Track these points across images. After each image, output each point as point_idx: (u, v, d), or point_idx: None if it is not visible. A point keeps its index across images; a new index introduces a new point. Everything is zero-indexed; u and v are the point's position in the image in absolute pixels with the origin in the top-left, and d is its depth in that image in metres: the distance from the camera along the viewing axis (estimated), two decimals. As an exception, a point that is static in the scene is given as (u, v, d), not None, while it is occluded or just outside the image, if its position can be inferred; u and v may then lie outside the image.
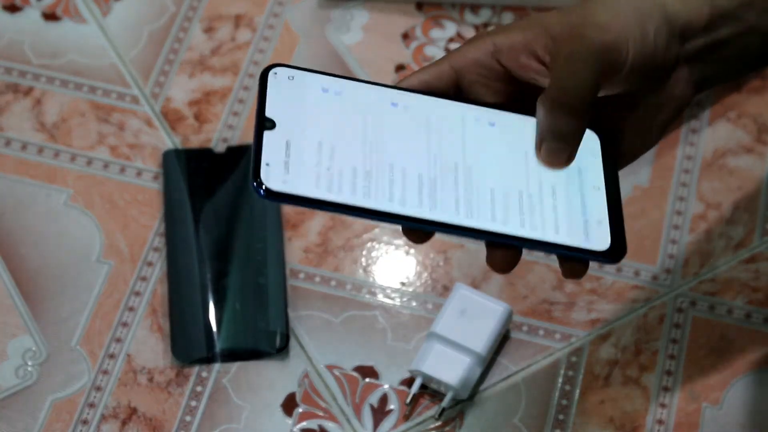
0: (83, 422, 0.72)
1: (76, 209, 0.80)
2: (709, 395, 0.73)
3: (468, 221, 0.48)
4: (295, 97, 0.48)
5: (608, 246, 0.49)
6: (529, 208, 0.49)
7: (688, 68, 0.55)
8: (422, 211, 0.47)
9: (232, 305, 0.75)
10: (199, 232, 0.78)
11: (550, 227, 0.49)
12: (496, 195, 0.49)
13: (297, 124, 0.47)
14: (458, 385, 0.71)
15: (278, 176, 0.45)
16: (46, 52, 0.87)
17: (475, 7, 0.89)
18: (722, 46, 0.55)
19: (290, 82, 0.48)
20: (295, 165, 0.46)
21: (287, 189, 0.45)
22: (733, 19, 0.55)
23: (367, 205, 0.47)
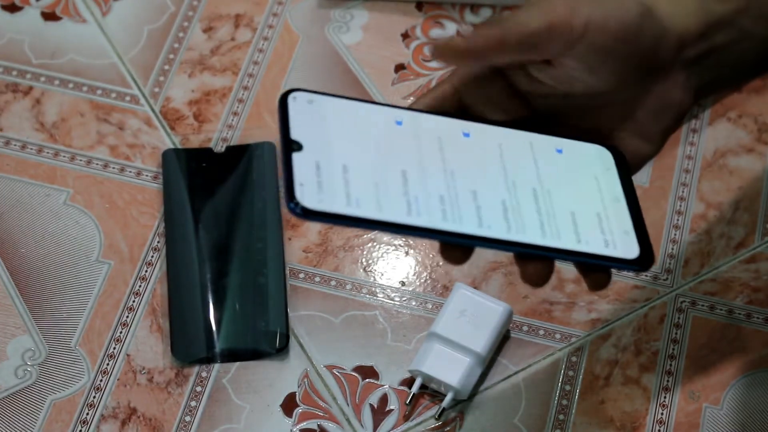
0: (83, 422, 0.72)
1: (76, 209, 0.80)
2: (709, 395, 0.73)
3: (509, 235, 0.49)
4: (317, 120, 0.49)
5: (638, 254, 0.50)
6: (573, 223, 0.51)
7: (685, 75, 0.55)
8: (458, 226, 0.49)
9: (232, 305, 0.75)
10: (199, 232, 0.78)
11: (588, 238, 0.50)
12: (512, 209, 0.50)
13: (323, 146, 0.48)
14: (458, 385, 0.71)
15: (313, 195, 0.46)
16: (45, 51, 0.87)
17: (475, 7, 0.89)
18: (718, 53, 0.55)
19: (310, 105, 0.49)
20: (328, 184, 0.47)
21: (324, 207, 0.46)
22: (729, 25, 0.54)
23: (407, 221, 0.48)
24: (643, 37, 0.52)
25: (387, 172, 0.49)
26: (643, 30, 0.52)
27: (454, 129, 0.52)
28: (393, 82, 0.85)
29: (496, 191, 0.50)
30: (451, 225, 0.49)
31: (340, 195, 0.47)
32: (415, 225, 0.48)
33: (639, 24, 0.52)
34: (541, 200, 0.51)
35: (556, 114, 0.55)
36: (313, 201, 0.46)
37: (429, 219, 0.48)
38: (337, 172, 0.48)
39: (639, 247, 0.50)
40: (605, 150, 0.53)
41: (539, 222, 0.50)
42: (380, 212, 0.48)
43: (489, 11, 0.89)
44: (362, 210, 0.47)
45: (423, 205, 0.49)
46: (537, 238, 0.50)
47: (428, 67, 0.86)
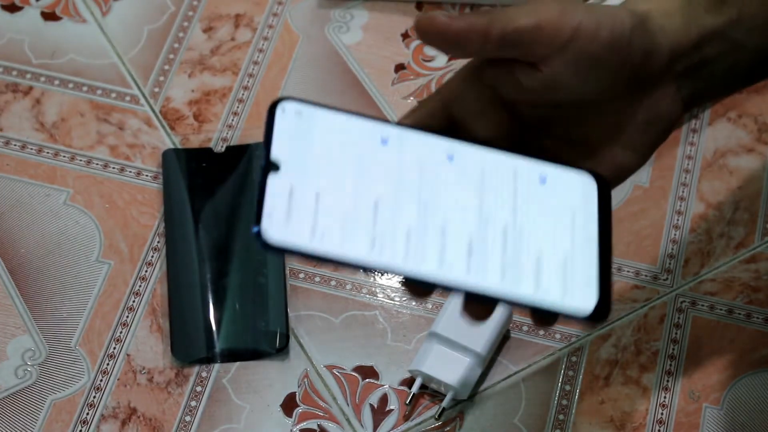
0: (83, 422, 0.72)
1: (76, 209, 0.80)
2: (709, 395, 0.73)
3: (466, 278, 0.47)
4: (301, 136, 0.46)
5: (593, 307, 0.47)
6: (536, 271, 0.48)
7: (675, 86, 0.55)
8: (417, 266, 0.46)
9: (232, 305, 0.75)
10: (199, 232, 0.78)
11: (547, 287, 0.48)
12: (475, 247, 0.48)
13: (301, 167, 0.46)
14: (458, 385, 0.71)
15: (279, 227, 0.44)
16: (45, 51, 0.86)
17: (475, 7, 0.89)
18: (710, 64, 0.55)
19: (297, 118, 0.47)
20: (296, 215, 0.45)
21: (286, 242, 0.44)
22: (720, 37, 0.54)
23: (367, 260, 0.46)
24: (633, 49, 0.52)
25: (359, 202, 0.46)
26: (634, 41, 0.52)
27: (438, 151, 0.50)
28: (393, 82, 0.85)
29: (466, 228, 0.48)
30: (410, 265, 0.46)
31: (306, 228, 0.45)
32: (374, 264, 0.46)
33: (630, 35, 0.52)
34: (509, 239, 0.48)
35: (545, 124, 0.55)
36: (276, 233, 0.44)
37: (390, 258, 0.46)
38: (309, 200, 0.45)
39: (597, 299, 0.47)
40: (590, 178, 0.51)
41: (501, 266, 0.47)
42: (341, 249, 0.45)
43: (489, 11, 0.88)
44: (324, 245, 0.45)
45: (388, 242, 0.46)
46: (494, 283, 0.47)
47: (428, 67, 0.86)
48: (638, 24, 0.52)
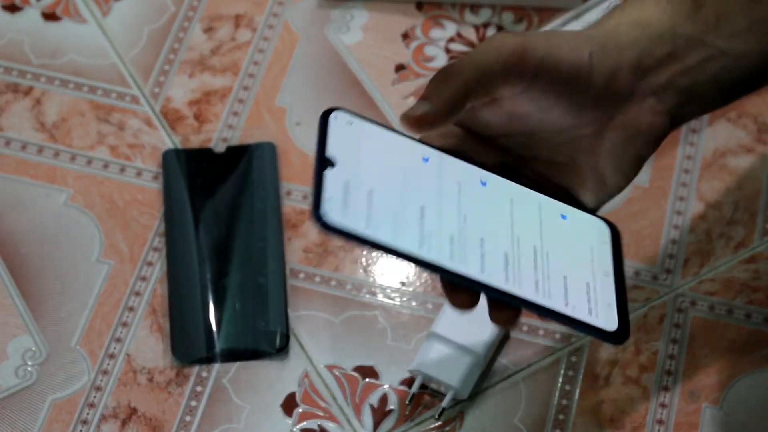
0: (83, 422, 0.72)
1: (76, 209, 0.80)
2: (709, 395, 0.73)
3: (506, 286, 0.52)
4: (353, 141, 0.51)
5: (616, 328, 0.53)
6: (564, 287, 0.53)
7: (655, 99, 0.54)
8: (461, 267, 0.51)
9: (232, 305, 0.75)
10: (199, 232, 0.78)
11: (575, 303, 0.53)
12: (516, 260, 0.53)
13: (355, 167, 0.50)
14: (458, 385, 0.71)
15: (337, 212, 0.49)
16: (46, 51, 0.87)
17: (475, 7, 0.89)
18: (692, 73, 0.54)
19: (348, 127, 0.51)
20: (353, 204, 0.49)
21: (345, 225, 0.49)
22: (700, 44, 0.54)
23: (417, 254, 0.50)
24: (595, 75, 0.52)
25: (407, 204, 0.51)
26: (594, 68, 0.52)
27: (473, 176, 0.54)
28: (393, 82, 0.85)
29: (501, 242, 0.53)
30: (455, 265, 0.51)
31: (362, 216, 0.49)
32: (424, 258, 0.51)
33: (590, 62, 0.52)
34: (539, 259, 0.53)
35: (528, 150, 0.55)
36: (336, 217, 0.48)
37: (437, 255, 0.51)
38: (362, 194, 0.50)
39: (618, 322, 0.53)
40: (605, 224, 0.55)
41: (534, 279, 0.53)
42: (395, 240, 0.50)
43: (489, 11, 0.89)
44: (379, 235, 0.49)
45: (434, 242, 0.51)
46: (530, 294, 0.52)
47: (428, 67, 0.86)
48: (598, 49, 0.52)
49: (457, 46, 0.87)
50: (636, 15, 0.54)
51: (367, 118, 0.53)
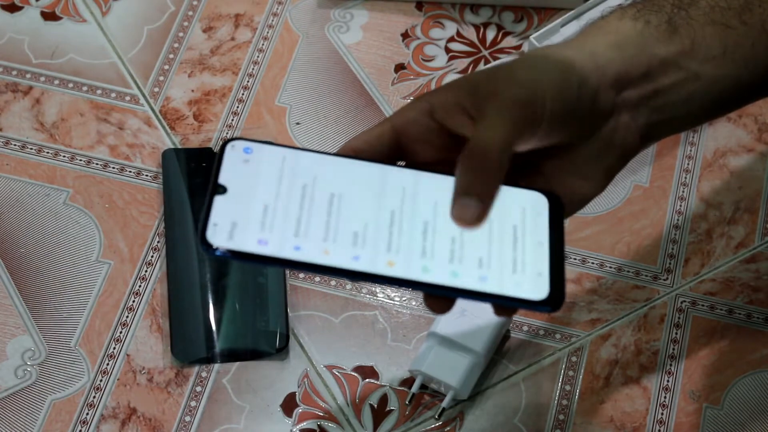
0: (83, 422, 0.72)
1: (76, 209, 0.80)
2: (709, 395, 0.73)
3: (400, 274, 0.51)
4: (250, 165, 0.52)
5: (546, 295, 0.51)
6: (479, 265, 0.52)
7: (629, 116, 0.55)
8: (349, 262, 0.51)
9: (232, 305, 0.75)
10: (199, 232, 0.78)
11: (491, 279, 0.52)
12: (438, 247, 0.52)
13: (248, 190, 0.51)
14: (458, 385, 0.71)
15: (224, 235, 0.49)
16: (45, 51, 0.86)
17: (475, 7, 0.89)
18: (665, 94, 0.55)
19: (246, 153, 0.53)
20: (241, 225, 0.50)
21: (233, 246, 0.49)
22: (674, 66, 0.54)
23: (307, 260, 0.50)
24: (582, 101, 0.53)
25: (305, 216, 0.51)
26: (582, 97, 0.53)
27: (375, 173, 0.54)
28: (393, 81, 0.85)
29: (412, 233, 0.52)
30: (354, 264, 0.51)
31: (251, 235, 0.50)
32: (325, 264, 0.50)
33: (579, 93, 0.53)
34: (455, 244, 0.52)
35: None
36: (220, 241, 0.49)
37: (337, 260, 0.50)
38: (257, 209, 0.51)
39: (549, 289, 0.51)
40: (541, 195, 0.54)
41: (448, 264, 0.51)
42: (290, 253, 0.50)
43: (489, 11, 0.89)
44: (274, 247, 0.50)
45: (339, 238, 0.51)
46: (443, 279, 0.51)
47: (428, 66, 0.86)
48: (583, 77, 0.53)
49: (457, 46, 0.87)
50: (612, 37, 0.55)
51: (264, 141, 0.53)
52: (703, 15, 0.55)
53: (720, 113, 0.58)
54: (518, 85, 0.51)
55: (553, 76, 0.52)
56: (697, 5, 0.55)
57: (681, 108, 0.55)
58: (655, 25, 0.55)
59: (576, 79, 0.53)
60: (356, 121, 0.83)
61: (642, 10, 0.55)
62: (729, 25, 0.55)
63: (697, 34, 0.54)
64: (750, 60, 0.55)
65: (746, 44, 0.55)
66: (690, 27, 0.55)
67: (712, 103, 0.56)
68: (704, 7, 0.55)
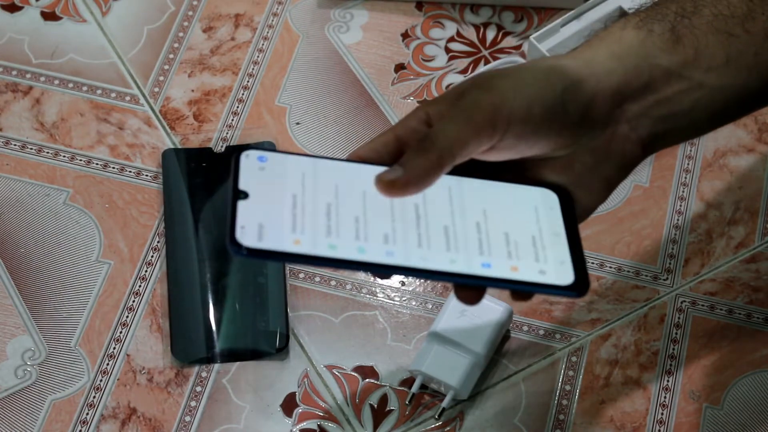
0: (83, 422, 0.72)
1: (76, 209, 0.80)
2: (709, 395, 0.73)
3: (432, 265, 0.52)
4: (266, 172, 0.54)
5: (572, 281, 0.53)
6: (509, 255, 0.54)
7: (628, 127, 0.55)
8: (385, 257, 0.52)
9: (232, 305, 0.75)
10: (199, 232, 0.78)
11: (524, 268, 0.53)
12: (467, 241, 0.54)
13: (270, 194, 0.53)
14: (458, 385, 0.71)
15: (253, 237, 0.50)
16: (45, 51, 0.86)
17: (475, 7, 0.89)
18: (668, 104, 0.55)
19: (261, 161, 0.54)
20: (268, 226, 0.51)
21: (265, 246, 0.50)
22: (677, 77, 0.55)
23: (338, 256, 0.51)
24: (570, 108, 0.53)
25: (330, 215, 0.53)
26: (568, 103, 0.53)
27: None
28: (393, 81, 0.85)
29: (437, 226, 0.54)
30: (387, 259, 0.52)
31: (279, 235, 0.51)
32: (357, 260, 0.51)
33: (563, 99, 0.53)
34: (482, 235, 0.54)
35: (499, 166, 0.56)
36: (250, 242, 0.50)
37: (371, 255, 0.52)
38: (285, 211, 0.52)
39: (574, 275, 0.53)
40: (551, 192, 0.56)
41: (479, 256, 0.53)
42: (323, 250, 0.51)
43: (489, 11, 0.89)
44: (307, 245, 0.51)
45: (370, 238, 0.52)
46: (477, 270, 0.53)
47: (428, 66, 0.86)
48: (570, 84, 0.53)
49: (457, 46, 0.87)
50: (614, 47, 0.55)
51: (279, 150, 0.56)
52: (706, 24, 0.55)
53: (724, 122, 0.58)
54: (485, 90, 0.53)
55: (533, 83, 0.53)
56: (701, 14, 0.55)
57: (685, 118, 0.55)
58: (659, 34, 0.55)
59: (561, 84, 0.53)
60: (356, 121, 0.83)
61: (645, 19, 0.55)
62: (732, 34, 0.55)
63: (701, 43, 0.54)
64: (753, 68, 0.55)
65: (749, 52, 0.55)
66: (693, 36, 0.55)
67: (716, 112, 0.56)
68: (707, 15, 0.55)
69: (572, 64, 0.54)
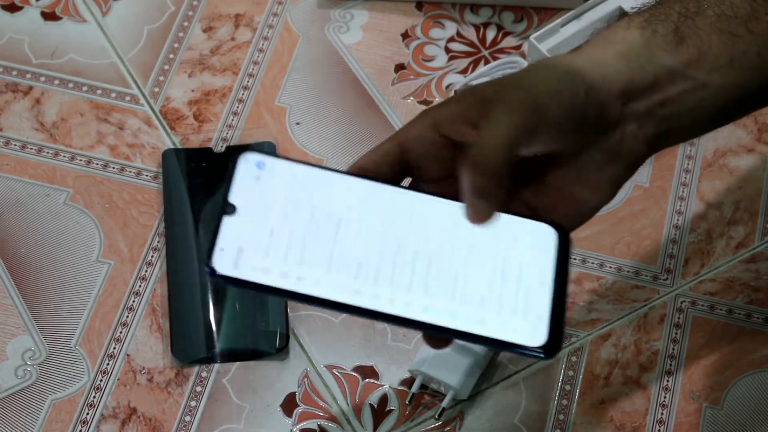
0: (83, 422, 0.72)
1: (76, 209, 0.80)
2: (709, 395, 0.73)
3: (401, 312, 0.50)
4: (260, 183, 0.51)
5: (544, 341, 0.50)
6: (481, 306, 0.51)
7: (636, 125, 0.55)
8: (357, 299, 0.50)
9: (231, 305, 0.75)
10: (199, 232, 0.78)
11: (489, 320, 0.50)
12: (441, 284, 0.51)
13: (258, 211, 0.50)
14: (458, 385, 0.71)
15: (229, 261, 0.49)
16: (45, 51, 0.86)
17: (475, 7, 0.89)
18: (673, 103, 0.55)
19: (259, 170, 0.51)
20: (247, 250, 0.49)
21: (237, 274, 0.49)
22: (681, 77, 0.55)
23: (316, 294, 0.50)
24: (590, 112, 0.53)
25: (311, 240, 0.50)
26: (589, 106, 0.53)
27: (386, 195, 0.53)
28: (393, 81, 0.85)
29: (415, 265, 0.51)
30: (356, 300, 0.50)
31: (256, 263, 0.49)
32: (321, 297, 0.50)
33: (585, 102, 0.53)
34: (456, 280, 0.51)
35: None
36: (228, 267, 0.48)
37: (334, 293, 0.50)
38: (264, 234, 0.50)
39: (548, 335, 0.50)
40: (551, 230, 0.53)
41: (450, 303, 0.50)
42: (291, 284, 0.49)
43: (489, 11, 0.89)
44: (275, 277, 0.49)
45: (341, 270, 0.50)
46: (439, 319, 0.50)
47: (428, 66, 0.86)
48: (589, 89, 0.53)
49: (457, 46, 0.87)
50: (620, 47, 0.55)
51: (280, 156, 0.52)
52: (710, 24, 0.55)
53: (725, 121, 0.58)
54: (525, 90, 0.51)
55: (561, 84, 0.53)
56: (704, 14, 0.55)
57: (688, 117, 0.55)
58: (662, 34, 0.55)
59: (584, 87, 0.53)
60: (356, 121, 0.83)
61: (649, 19, 0.55)
62: (735, 34, 0.55)
63: (704, 43, 0.55)
64: (756, 68, 0.55)
65: (753, 52, 0.55)
66: (697, 36, 0.55)
67: (719, 112, 0.56)
68: (711, 16, 0.55)
69: (587, 66, 0.54)
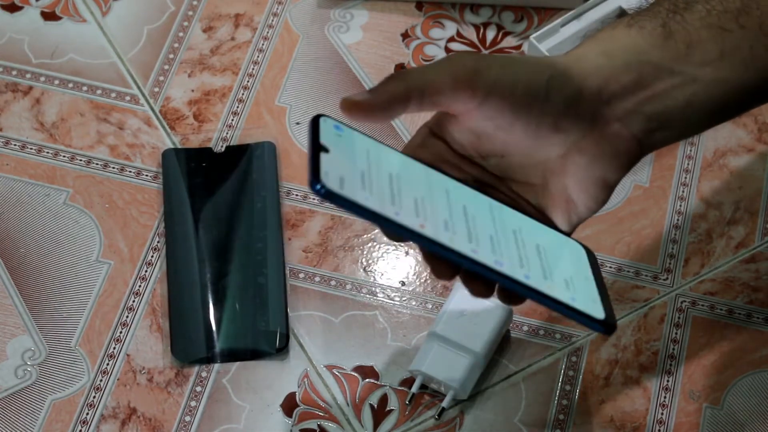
0: (83, 422, 0.72)
1: (76, 209, 0.80)
2: (709, 395, 0.73)
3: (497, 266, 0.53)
4: (343, 141, 0.54)
5: (603, 317, 0.54)
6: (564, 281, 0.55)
7: (619, 124, 0.54)
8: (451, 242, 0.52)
9: (231, 305, 0.75)
10: (199, 232, 0.78)
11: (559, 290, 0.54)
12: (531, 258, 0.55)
13: (347, 156, 0.53)
14: (458, 385, 0.71)
15: (335, 182, 0.50)
16: (45, 51, 0.86)
17: (475, 7, 0.89)
18: (660, 99, 0.55)
19: (336, 129, 0.54)
20: (348, 178, 0.51)
21: (343, 193, 0.50)
22: (669, 72, 0.54)
23: (417, 229, 0.51)
24: (553, 99, 0.53)
25: (401, 191, 0.52)
26: (552, 90, 0.53)
27: (458, 185, 0.56)
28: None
29: (503, 231, 0.54)
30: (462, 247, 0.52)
31: (359, 187, 0.51)
32: (421, 232, 0.51)
33: (547, 87, 0.53)
34: (542, 254, 0.55)
35: (504, 172, 0.56)
36: (334, 185, 0.50)
37: (434, 230, 0.52)
38: (357, 173, 0.52)
39: (605, 313, 0.54)
40: (581, 247, 0.57)
41: (541, 271, 0.54)
42: (391, 211, 0.51)
43: (489, 11, 0.89)
44: (376, 204, 0.51)
45: (430, 218, 0.52)
46: (539, 284, 0.54)
47: (428, 66, 0.86)
48: (558, 74, 0.53)
49: (457, 46, 0.87)
50: (605, 45, 0.55)
51: (351, 126, 0.55)
52: (699, 19, 0.55)
53: (724, 118, 0.57)
54: (475, 56, 0.53)
55: (521, 67, 0.53)
56: (693, 10, 0.55)
57: (681, 113, 0.55)
58: (649, 30, 0.55)
59: (548, 72, 0.53)
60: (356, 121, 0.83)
61: (636, 17, 0.56)
62: (726, 28, 0.55)
63: (693, 38, 0.54)
64: (750, 63, 0.55)
65: (744, 47, 0.55)
66: (685, 31, 0.54)
67: (714, 108, 0.56)
68: (700, 11, 0.55)
69: (561, 59, 0.54)
